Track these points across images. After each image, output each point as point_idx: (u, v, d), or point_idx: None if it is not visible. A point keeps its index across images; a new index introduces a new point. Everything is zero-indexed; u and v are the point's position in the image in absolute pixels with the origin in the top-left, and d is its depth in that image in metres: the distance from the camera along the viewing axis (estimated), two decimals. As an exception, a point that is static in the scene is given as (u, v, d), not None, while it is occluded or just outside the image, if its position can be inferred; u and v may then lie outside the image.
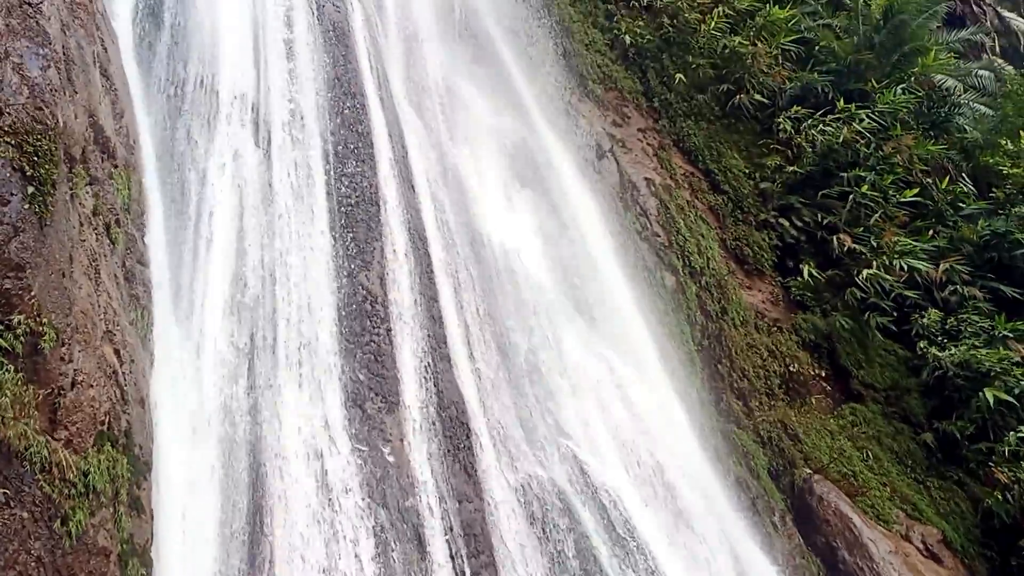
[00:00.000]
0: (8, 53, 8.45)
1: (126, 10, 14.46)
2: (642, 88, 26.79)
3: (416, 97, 20.36)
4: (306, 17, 17.67)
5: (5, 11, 8.58)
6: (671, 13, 27.46)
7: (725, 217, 24.64)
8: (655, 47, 27.20)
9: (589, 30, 27.48)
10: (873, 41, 27.08)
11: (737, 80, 26.62)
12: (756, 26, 27.23)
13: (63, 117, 9.07)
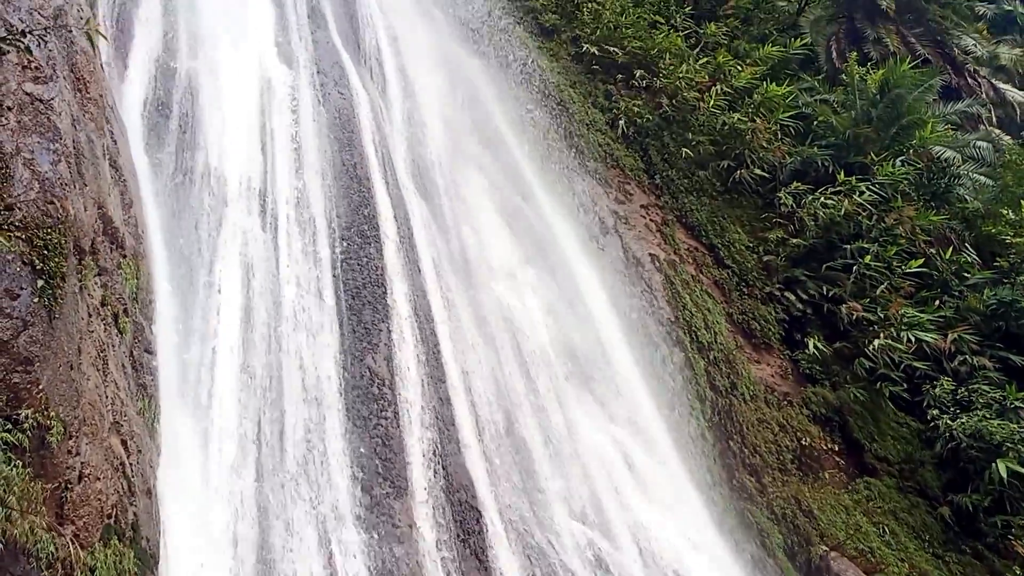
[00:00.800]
0: (20, 149, 8.55)
1: (135, 102, 14.70)
2: (643, 165, 27.07)
3: (421, 179, 20.56)
4: (312, 104, 18.01)
5: (18, 108, 8.71)
6: (670, 92, 27.88)
7: (731, 291, 24.64)
8: (655, 125, 27.56)
9: (589, 110, 27.89)
10: (871, 115, 27.41)
11: (737, 156, 26.92)
12: (754, 103, 27.63)
13: (73, 210, 9.14)
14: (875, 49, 31.18)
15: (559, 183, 24.53)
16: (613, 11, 30.06)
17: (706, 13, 33.15)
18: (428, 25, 26.03)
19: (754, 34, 32.87)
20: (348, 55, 21.10)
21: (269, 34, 19.17)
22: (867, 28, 32.01)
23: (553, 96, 27.06)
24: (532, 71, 27.61)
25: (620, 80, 29.11)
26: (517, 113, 25.63)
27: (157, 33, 16.17)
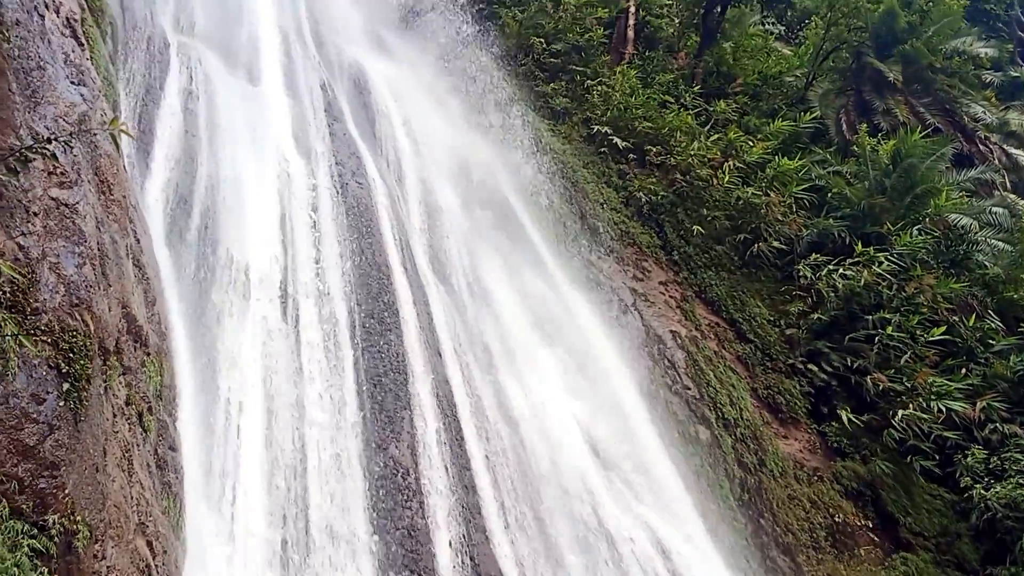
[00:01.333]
0: (46, 254, 8.62)
1: (158, 199, 14.90)
2: (660, 242, 27.18)
3: (439, 264, 20.68)
4: (330, 195, 18.22)
5: (44, 214, 8.81)
6: (683, 169, 28.14)
7: (754, 366, 24.46)
8: (669, 202, 27.76)
9: (603, 189, 28.13)
10: (884, 185, 27.51)
11: (753, 230, 27.01)
12: (768, 177, 27.84)
13: (98, 311, 9.17)
14: (885, 120, 31.47)
15: (576, 262, 24.61)
16: (623, 92, 30.59)
17: (715, 91, 33.68)
18: (441, 112, 26.48)
19: (764, 109, 33.33)
20: (364, 145, 21.42)
21: (287, 127, 19.49)
22: (876, 100, 32.35)
23: (567, 177, 27.34)
24: (545, 153, 27.97)
25: (632, 159, 29.47)
26: (532, 194, 25.87)
27: (178, 131, 16.47)
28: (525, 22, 34.62)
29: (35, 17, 9.89)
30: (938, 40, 34.54)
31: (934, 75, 33.58)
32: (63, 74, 10.36)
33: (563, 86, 32.68)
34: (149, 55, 17.45)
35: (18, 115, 8.72)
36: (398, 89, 25.13)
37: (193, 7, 20.95)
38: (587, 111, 31.19)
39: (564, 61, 33.31)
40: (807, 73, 35.67)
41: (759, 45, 38.31)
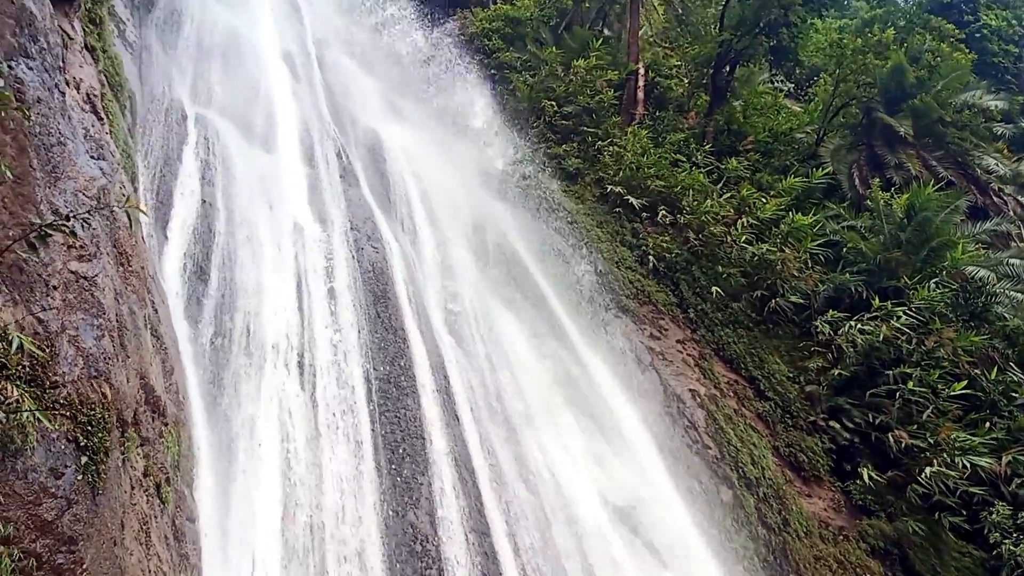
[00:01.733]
0: (65, 327, 8.65)
1: (175, 269, 15.02)
2: (676, 300, 27.11)
3: (455, 325, 20.67)
4: (346, 260, 18.32)
5: (63, 287, 8.87)
6: (696, 228, 28.19)
7: (775, 423, 24.18)
8: (684, 260, 27.76)
9: (618, 248, 28.18)
10: (899, 239, 27.42)
11: (770, 286, 26.92)
12: (782, 233, 27.81)
13: (116, 383, 9.18)
14: (897, 174, 31.48)
15: (592, 322, 24.55)
16: (634, 152, 30.81)
17: (726, 149, 33.86)
18: (455, 175, 26.73)
19: (775, 166, 33.43)
20: (379, 209, 21.61)
21: (303, 195, 19.72)
22: (887, 154, 32.40)
23: (580, 236, 27.44)
24: (558, 214, 28.12)
25: (646, 218, 29.56)
26: (546, 254, 25.95)
27: (195, 201, 16.67)
28: (536, 86, 35.08)
29: (56, 94, 10.06)
30: (947, 94, 34.69)
31: (945, 128, 33.65)
32: (83, 149, 10.52)
33: (575, 147, 32.97)
34: (167, 127, 17.74)
35: (39, 191, 8.82)
36: (412, 154, 25.43)
37: (211, 79, 21.34)
38: (599, 171, 31.40)
39: (575, 123, 33.66)
40: (817, 129, 35.83)
41: (769, 103, 38.59)
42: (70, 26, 13.50)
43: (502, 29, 39.07)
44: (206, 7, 23.46)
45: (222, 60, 22.02)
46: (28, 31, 9.57)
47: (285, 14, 27.85)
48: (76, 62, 13.14)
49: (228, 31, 23.23)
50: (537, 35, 39.68)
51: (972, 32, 47.85)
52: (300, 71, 24.75)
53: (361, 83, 28.68)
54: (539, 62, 36.56)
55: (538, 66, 36.40)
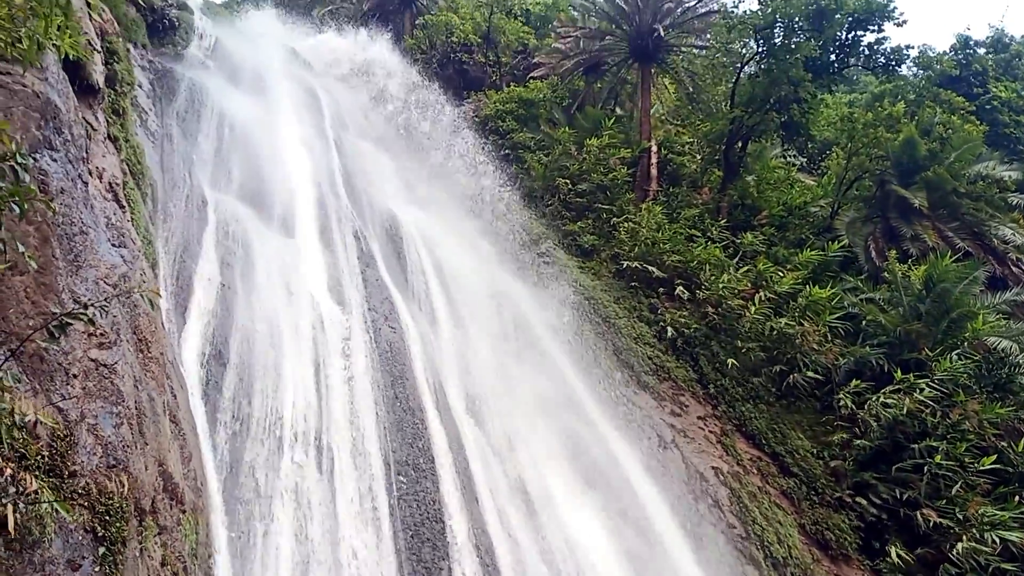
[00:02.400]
0: (84, 415, 8.65)
1: (194, 354, 15.02)
2: (696, 376, 26.96)
3: (474, 405, 20.54)
4: (364, 341, 18.32)
5: (83, 375, 8.89)
6: (714, 302, 28.17)
7: (800, 500, 23.75)
8: (703, 335, 27.69)
9: (635, 324, 28.14)
10: (919, 311, 27.25)
11: (789, 360, 26.74)
12: (800, 307, 27.71)
13: (135, 471, 9.12)
14: (914, 246, 31.45)
15: (612, 399, 24.37)
16: (649, 228, 30.99)
17: (741, 223, 34.02)
18: (472, 255, 26.88)
19: (791, 240, 33.50)
20: (397, 290, 21.70)
21: (321, 276, 19.84)
22: (903, 226, 32.43)
23: (598, 312, 27.44)
24: (575, 290, 28.17)
25: (663, 293, 29.59)
26: (564, 332, 25.93)
27: (214, 285, 16.77)
28: (550, 165, 35.53)
29: (79, 184, 10.23)
30: (960, 166, 34.82)
31: (959, 200, 33.68)
32: (104, 237, 10.64)
33: (590, 224, 33.24)
34: (187, 212, 17.97)
35: (60, 280, 8.91)
36: (428, 233, 25.64)
37: (230, 165, 21.68)
38: (615, 247, 31.58)
39: (590, 200, 34.00)
40: (832, 202, 36.00)
41: (782, 177, 38.89)
42: (94, 117, 13.81)
43: (515, 110, 39.78)
44: (226, 95, 23.98)
45: (242, 146, 22.41)
46: (53, 124, 9.78)
47: (304, 100, 28.43)
48: (99, 152, 13.40)
49: (248, 118, 23.69)
50: (550, 116, 40.36)
51: (982, 104, 48.31)
52: (318, 155, 25.13)
53: (378, 165, 29.09)
54: (552, 142, 37.10)
55: (551, 145, 36.92)
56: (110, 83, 15.52)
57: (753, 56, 35.21)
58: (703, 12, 40.33)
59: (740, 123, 34.75)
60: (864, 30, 34.24)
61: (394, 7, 52.96)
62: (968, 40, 54.65)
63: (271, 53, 31.62)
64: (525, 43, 46.92)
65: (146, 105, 19.92)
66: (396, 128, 35.14)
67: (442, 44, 45.80)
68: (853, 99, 52.88)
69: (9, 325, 7.87)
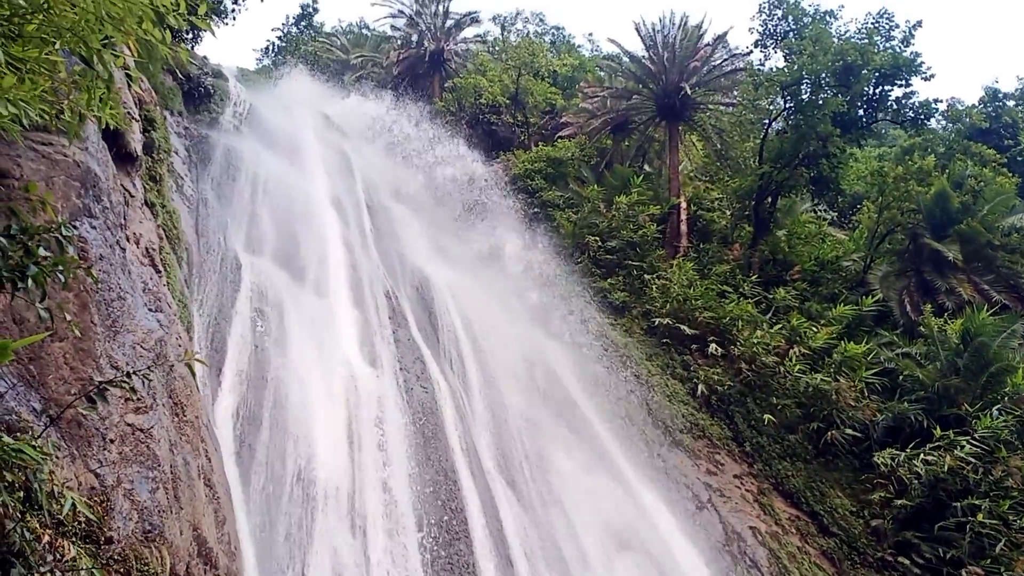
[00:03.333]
0: (120, 480, 8.66)
1: (228, 416, 15.09)
2: (731, 433, 26.61)
3: (506, 466, 20.37)
4: (396, 402, 18.31)
5: (119, 440, 8.93)
6: (748, 358, 27.91)
7: (841, 561, 23.19)
8: (737, 392, 27.39)
9: (669, 381, 27.91)
10: (957, 366, 26.81)
11: (826, 417, 26.34)
12: (835, 362, 27.37)
13: (170, 536, 9.10)
14: (949, 299, 31.08)
15: (647, 458, 24.08)
16: (681, 284, 30.89)
17: (773, 279, 33.83)
18: (503, 313, 26.90)
19: (824, 294, 33.24)
20: (428, 349, 21.72)
21: (353, 337, 19.92)
22: (937, 279, 32.09)
23: (631, 369, 27.27)
24: (607, 347, 28.06)
25: (696, 349, 29.38)
26: (596, 390, 25.76)
27: (248, 347, 16.91)
28: (579, 222, 35.68)
29: (117, 250, 10.39)
30: (993, 218, 34.52)
31: (994, 252, 33.32)
32: (141, 302, 10.77)
33: (621, 281, 33.20)
34: (222, 276, 18.19)
35: (99, 345, 9.00)
36: (459, 292, 25.73)
37: (264, 228, 21.98)
38: (646, 304, 31.49)
39: (620, 257, 34.02)
40: (864, 256, 35.73)
41: (813, 231, 38.73)
42: (131, 184, 14.08)
43: (544, 169, 40.12)
44: (260, 160, 24.41)
45: (275, 209, 22.74)
46: (92, 192, 9.98)
47: (336, 163, 28.86)
48: (136, 218, 13.64)
49: (281, 181, 24.07)
50: (578, 174, 40.63)
51: (1013, 156, 48.01)
52: (350, 216, 25.43)
53: (408, 225, 29.36)
54: (581, 199, 37.28)
55: (580, 203, 37.11)
56: (147, 150, 15.86)
57: (780, 112, 35.36)
58: (729, 70, 40.67)
59: (769, 179, 34.77)
60: (892, 85, 34.35)
61: (423, 71, 53.94)
62: (997, 92, 54.55)
63: (304, 118, 32.23)
64: (553, 103, 47.48)
65: (182, 171, 20.31)
66: (426, 188, 35.52)
67: (471, 106, 46.45)
68: (882, 153, 52.79)
69: (49, 391, 7.95)
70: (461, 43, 55.69)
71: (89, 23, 5.50)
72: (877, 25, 34.92)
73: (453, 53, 53.93)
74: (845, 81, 33.00)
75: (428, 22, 54.65)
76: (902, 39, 34.29)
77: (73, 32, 5.58)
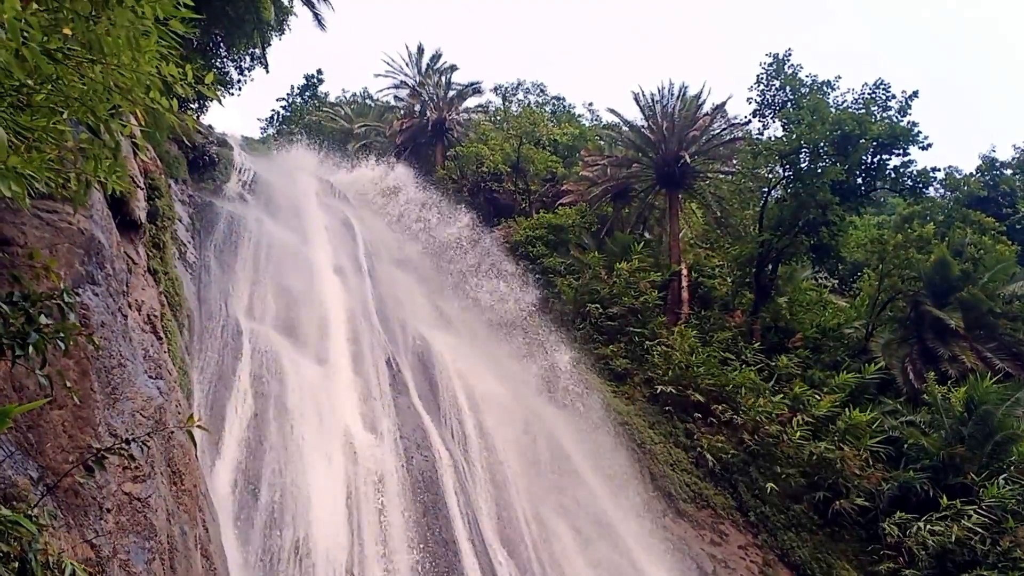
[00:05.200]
0: (116, 551, 8.52)
1: (226, 484, 14.93)
2: (735, 503, 26.29)
3: (507, 537, 20.07)
4: (396, 471, 18.12)
5: (116, 509, 8.80)
6: (751, 427, 27.73)
7: (849, 635, 22.74)
8: (741, 461, 27.14)
9: (672, 450, 27.67)
10: (961, 434, 26.62)
11: (831, 486, 26.07)
12: (839, 430, 27.18)
13: (164, 609, 8.93)
14: (952, 367, 30.93)
15: (650, 529, 23.75)
16: (683, 351, 30.80)
17: (775, 346, 33.76)
18: (503, 380, 26.75)
19: (826, 362, 33.16)
20: (429, 417, 21.56)
21: (354, 405, 19.81)
22: (940, 347, 32.00)
23: (633, 438, 27.05)
24: (609, 416, 27.86)
25: (698, 417, 29.18)
26: (599, 459, 25.51)
27: (248, 415, 16.81)
28: (580, 289, 35.71)
29: (119, 317, 10.37)
30: (995, 286, 34.54)
31: (996, 320, 33.26)
32: (142, 369, 10.71)
33: (622, 347, 33.09)
34: (223, 342, 18.16)
35: (98, 413, 8.93)
36: (459, 358, 25.64)
37: (266, 295, 22.00)
38: (648, 371, 31.35)
39: (621, 323, 33.96)
40: (866, 324, 35.68)
41: (814, 299, 38.80)
42: (135, 251, 14.12)
43: (545, 236, 40.32)
44: (263, 227, 24.55)
45: (277, 276, 22.79)
46: (96, 259, 10.00)
47: (338, 230, 29.01)
48: (139, 285, 13.65)
49: (284, 249, 24.18)
50: (579, 240, 40.81)
51: (1012, 224, 48.22)
52: (352, 283, 25.48)
53: (410, 291, 29.40)
54: (582, 266, 37.39)
55: (581, 270, 37.20)
56: (151, 218, 15.95)
57: (780, 181, 35.67)
58: (728, 139, 41.16)
59: (769, 246, 34.93)
60: (889, 154, 34.75)
61: (425, 140, 54.61)
62: (994, 161, 54.99)
63: (307, 185, 32.51)
64: (553, 171, 47.91)
65: (185, 238, 20.42)
66: (428, 255, 35.66)
67: (472, 174, 46.89)
68: (882, 220, 53.08)
69: (47, 459, 7.87)
70: (463, 113, 56.46)
71: (98, 93, 5.57)
72: (874, 95, 35.42)
73: (455, 122, 54.62)
74: (843, 150, 33.37)
75: (431, 92, 55.49)
76: (899, 109, 34.74)
77: (81, 102, 5.64)
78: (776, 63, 36.49)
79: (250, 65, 31.36)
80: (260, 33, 28.22)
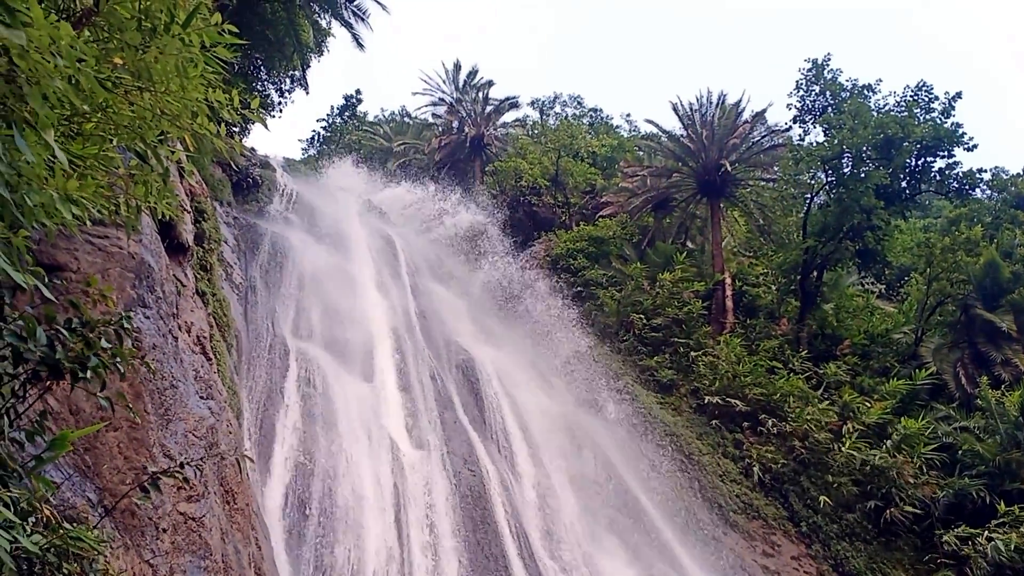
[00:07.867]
0: (173, 570, 8.63)
1: (277, 503, 15.06)
2: (787, 513, 25.91)
3: (557, 552, 19.99)
4: (444, 487, 18.15)
5: (172, 529, 8.92)
6: (800, 436, 27.36)
7: (909, 646, 22.27)
8: (791, 471, 26.78)
9: (720, 461, 27.39)
10: (1017, 438, 26.01)
11: (884, 495, 25.59)
12: (891, 438, 26.69)
13: (220, 628, 9.00)
14: (1005, 371, 30.26)
15: (701, 542, 23.49)
16: (729, 361, 30.52)
17: (822, 354, 33.32)
18: (549, 394, 26.73)
19: (875, 368, 32.63)
20: (475, 431, 21.60)
21: (400, 421, 19.91)
22: (992, 351, 31.33)
23: (681, 450, 26.81)
24: (655, 427, 27.66)
25: (747, 427, 28.85)
26: (647, 472, 25.33)
27: (297, 433, 16.95)
28: (623, 300, 35.55)
29: (169, 339, 10.53)
30: (1047, 287, 33.87)
31: (1050, 322, 32.61)
32: (193, 390, 10.87)
33: (667, 358, 32.88)
34: (270, 362, 18.34)
35: (152, 434, 9.07)
36: (504, 373, 25.66)
37: (311, 314, 22.22)
38: (694, 381, 31.10)
39: (665, 334, 33.75)
40: (915, 329, 35.05)
41: (861, 305, 38.20)
42: (183, 274, 14.34)
43: (586, 248, 40.24)
44: (307, 247, 24.82)
45: (322, 295, 23.02)
46: (146, 283, 10.16)
47: (381, 249, 29.24)
48: (188, 307, 13.85)
49: (328, 268, 24.42)
50: (621, 252, 40.65)
51: (1062, 223, 47.23)
52: (395, 300, 25.64)
53: (452, 307, 29.50)
54: (624, 277, 37.21)
55: (624, 281, 37.02)
56: (198, 240, 16.19)
57: (822, 186, 35.27)
58: (769, 146, 40.83)
59: (814, 253, 34.52)
60: (934, 156, 34.17)
61: (464, 156, 54.89)
62: (1041, 160, 54.02)
63: (349, 204, 32.82)
64: (593, 183, 47.85)
65: (231, 259, 20.69)
66: (470, 270, 35.77)
67: (511, 188, 46.96)
68: (928, 224, 52.28)
69: (104, 481, 7.99)
70: (501, 128, 56.70)
71: (146, 119, 5.67)
72: (916, 97, 34.87)
73: (493, 138, 54.87)
74: (886, 154, 32.90)
75: (468, 108, 55.82)
76: (942, 111, 34.13)
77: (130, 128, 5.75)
78: (815, 68, 36.14)
79: (290, 87, 31.82)
80: (300, 55, 28.61)
